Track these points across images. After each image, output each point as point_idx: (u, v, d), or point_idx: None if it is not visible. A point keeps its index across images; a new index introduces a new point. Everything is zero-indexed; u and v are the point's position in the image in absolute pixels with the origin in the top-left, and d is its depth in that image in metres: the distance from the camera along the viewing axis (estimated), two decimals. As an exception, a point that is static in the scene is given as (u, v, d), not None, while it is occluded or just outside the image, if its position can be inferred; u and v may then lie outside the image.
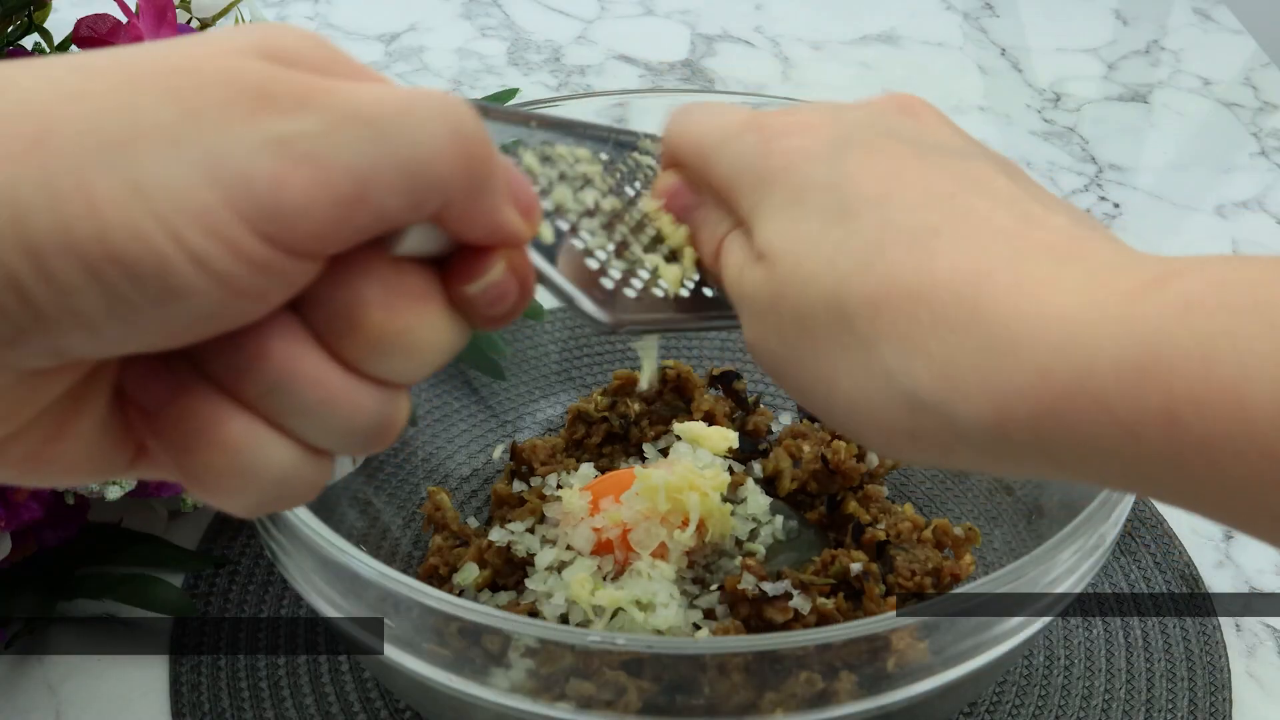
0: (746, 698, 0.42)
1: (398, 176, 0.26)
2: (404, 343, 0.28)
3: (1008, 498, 0.60)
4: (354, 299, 0.27)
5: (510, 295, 0.30)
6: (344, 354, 0.28)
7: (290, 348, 0.27)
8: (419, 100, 0.27)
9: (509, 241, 0.30)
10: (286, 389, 0.27)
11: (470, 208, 0.28)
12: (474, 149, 0.27)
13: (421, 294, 0.28)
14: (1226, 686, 0.57)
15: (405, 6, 1.04)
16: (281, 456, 0.28)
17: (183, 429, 0.27)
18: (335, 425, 0.28)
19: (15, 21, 0.60)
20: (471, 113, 0.27)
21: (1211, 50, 1.04)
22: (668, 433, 0.60)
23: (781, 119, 0.35)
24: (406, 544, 0.59)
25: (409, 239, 0.28)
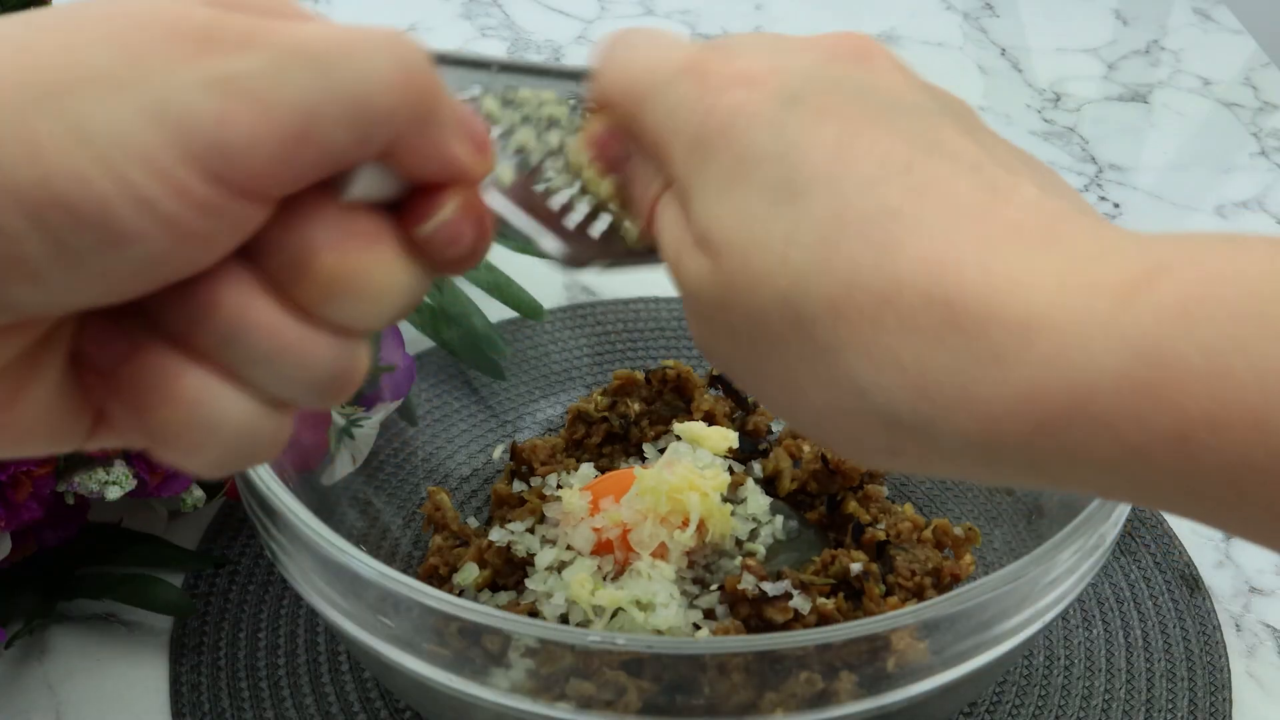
0: (746, 698, 0.42)
1: (343, 110, 0.26)
2: (356, 286, 0.28)
3: (1008, 498, 0.60)
4: (303, 243, 0.27)
5: (465, 236, 0.29)
6: (297, 300, 0.27)
7: (242, 297, 0.27)
8: (363, 36, 0.27)
9: (461, 177, 0.29)
10: (240, 339, 0.27)
11: (418, 142, 0.28)
12: (419, 81, 0.27)
13: (373, 236, 0.28)
14: (1226, 686, 0.57)
15: (405, 6, 1.04)
16: (241, 409, 0.27)
17: (140, 386, 0.27)
18: (292, 374, 0.28)
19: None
20: (416, 46, 0.27)
21: (1211, 50, 1.04)
22: (668, 433, 0.60)
23: (724, 65, 0.31)
24: (406, 544, 0.59)
25: (359, 182, 0.28)
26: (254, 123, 0.25)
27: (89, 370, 0.28)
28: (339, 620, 0.46)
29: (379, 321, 0.29)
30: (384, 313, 0.29)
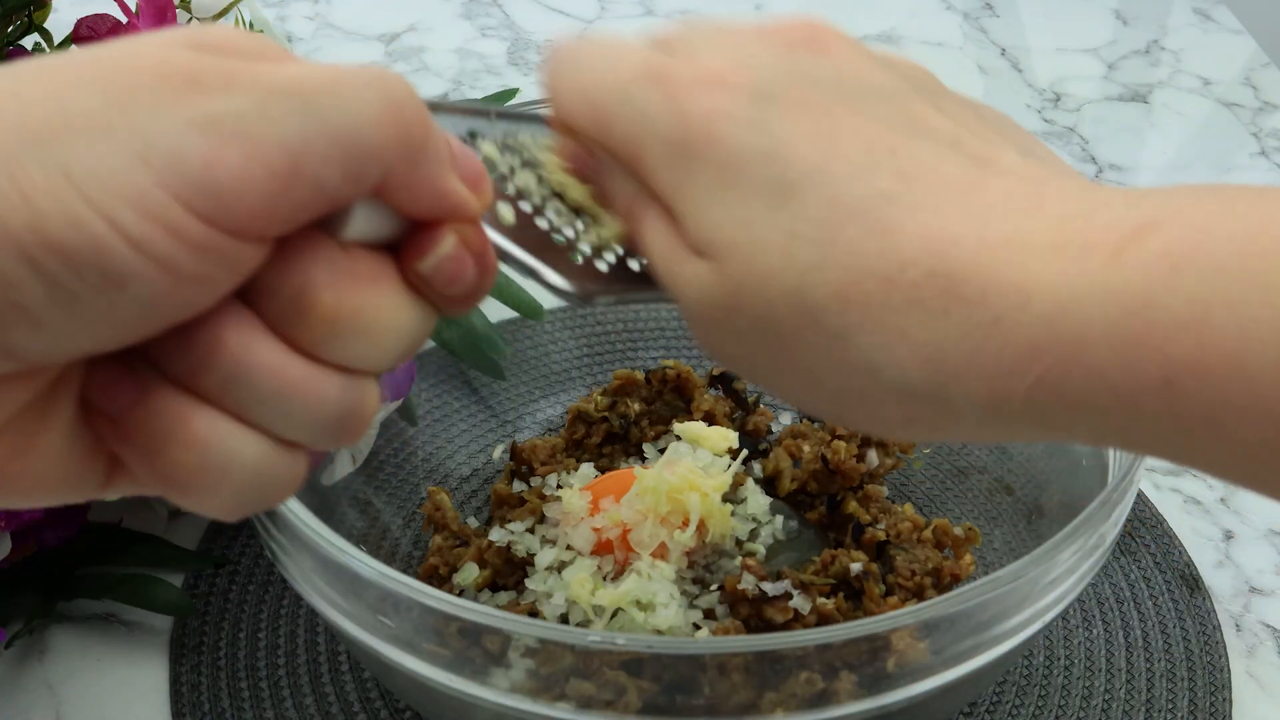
0: (746, 698, 0.42)
1: (331, 147, 0.26)
2: (358, 324, 0.28)
3: (1008, 498, 0.60)
4: (303, 283, 0.27)
5: (466, 272, 0.29)
6: (300, 342, 0.27)
7: (244, 337, 0.27)
8: (349, 74, 0.27)
9: (457, 213, 0.29)
10: (244, 380, 0.27)
11: (411, 177, 0.28)
12: (408, 116, 0.27)
13: (373, 275, 0.28)
14: (1226, 686, 0.57)
15: (405, 6, 1.04)
16: (251, 450, 0.28)
17: (149, 431, 0.27)
18: (299, 414, 0.28)
19: (15, 21, 0.60)
20: (403, 82, 0.27)
21: (1211, 50, 1.04)
22: (668, 433, 0.60)
23: (685, 67, 0.31)
24: (406, 544, 0.59)
25: (355, 221, 0.28)
26: (243, 162, 0.25)
27: (99, 417, 0.28)
28: (339, 620, 0.46)
29: (385, 361, 0.29)
30: (389, 352, 0.29)
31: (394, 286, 0.29)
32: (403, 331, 0.29)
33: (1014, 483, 0.60)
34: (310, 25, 1.01)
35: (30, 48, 0.60)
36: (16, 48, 0.59)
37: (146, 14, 0.59)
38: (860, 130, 0.30)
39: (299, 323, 0.27)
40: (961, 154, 0.30)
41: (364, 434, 0.30)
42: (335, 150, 0.26)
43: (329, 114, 0.26)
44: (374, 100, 0.27)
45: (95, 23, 0.59)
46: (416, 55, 0.98)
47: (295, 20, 1.01)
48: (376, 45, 0.99)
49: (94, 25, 0.59)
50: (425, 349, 0.66)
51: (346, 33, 1.01)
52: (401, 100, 0.27)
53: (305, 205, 0.26)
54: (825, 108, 0.30)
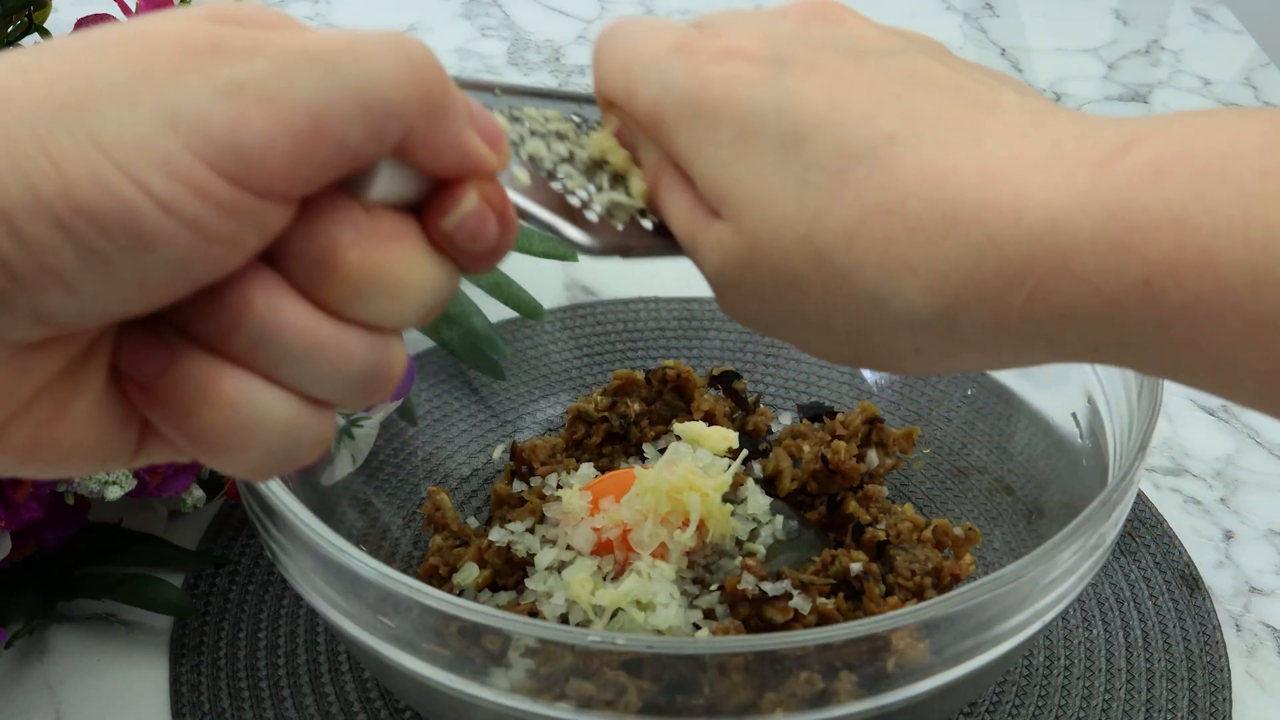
0: (746, 698, 0.42)
1: (353, 106, 0.27)
2: (383, 281, 0.28)
3: (1008, 498, 0.60)
4: (328, 243, 0.28)
5: (489, 228, 0.30)
6: (327, 301, 0.28)
7: (272, 298, 0.27)
8: (368, 36, 0.27)
9: (478, 169, 0.30)
10: (274, 339, 0.27)
11: (432, 135, 0.28)
12: (427, 74, 0.28)
13: (397, 234, 0.29)
14: (1226, 686, 0.57)
15: (405, 6, 1.04)
16: (281, 408, 0.28)
17: (180, 394, 0.28)
18: (328, 372, 0.28)
19: (15, 21, 0.60)
20: (422, 45, 0.28)
21: (1211, 50, 1.04)
22: (668, 433, 0.60)
23: (710, 41, 0.34)
24: (406, 544, 0.59)
25: (379, 182, 0.28)
26: (267, 124, 0.26)
27: (130, 384, 0.28)
28: (339, 620, 0.46)
29: (411, 318, 0.29)
30: (415, 309, 0.29)
31: (417, 245, 0.29)
32: (427, 289, 0.29)
33: (1014, 483, 0.60)
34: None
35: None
36: (17, 48, 0.59)
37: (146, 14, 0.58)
38: (867, 83, 0.32)
39: (325, 282, 0.28)
40: (963, 97, 0.32)
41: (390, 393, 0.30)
42: (357, 109, 0.27)
43: (350, 75, 0.27)
44: (394, 61, 0.27)
45: (95, 23, 0.59)
46: (416, 55, 0.98)
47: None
48: (376, 45, 0.99)
49: (94, 25, 0.59)
50: (425, 349, 0.66)
51: (346, 33, 1.01)
52: (421, 60, 0.28)
53: (329, 164, 0.27)
54: (835, 67, 0.32)
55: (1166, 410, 0.71)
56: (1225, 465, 0.69)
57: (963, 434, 0.63)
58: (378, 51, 0.27)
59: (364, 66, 0.27)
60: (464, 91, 0.36)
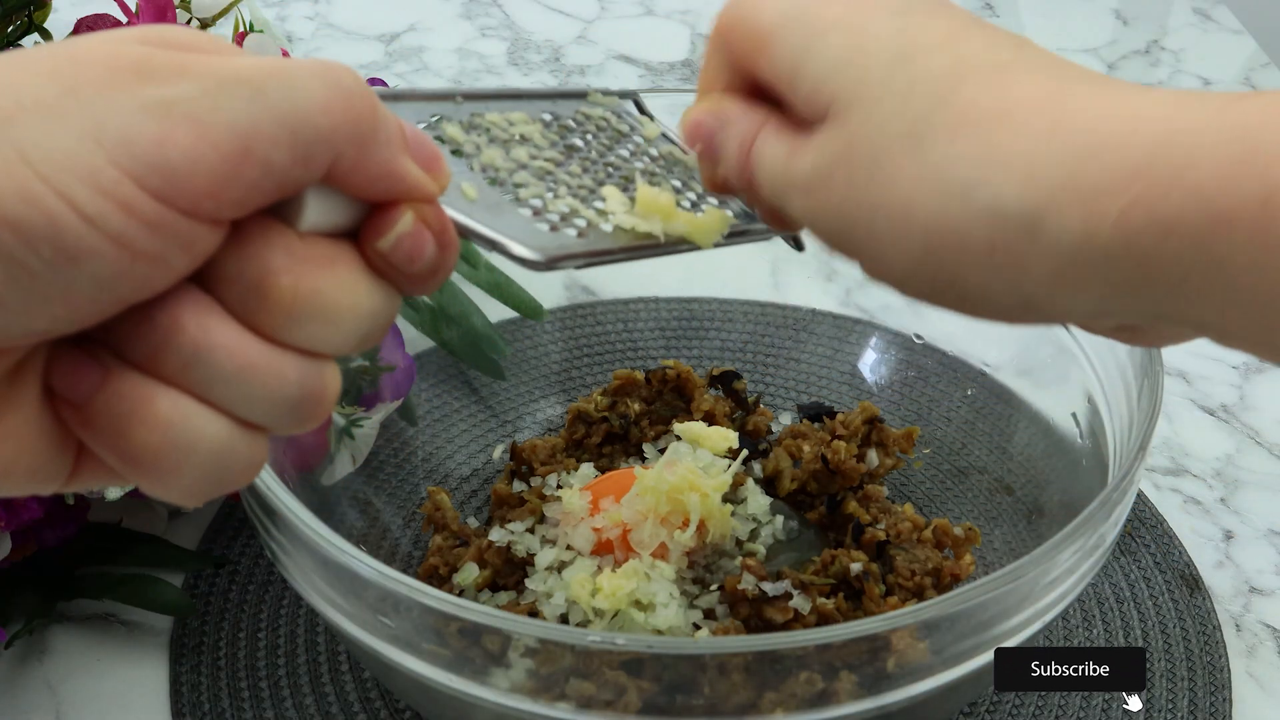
0: (746, 698, 0.42)
1: (279, 130, 0.27)
2: (316, 307, 0.28)
3: (1008, 498, 0.60)
4: (261, 269, 0.28)
5: (426, 249, 0.30)
6: (260, 326, 0.28)
7: (204, 319, 0.28)
8: (296, 63, 0.28)
9: (413, 194, 0.30)
10: (205, 360, 0.28)
11: (363, 161, 0.29)
12: (355, 101, 0.28)
13: (330, 259, 0.29)
14: (1226, 686, 0.57)
15: (405, 6, 1.04)
16: (214, 430, 0.28)
17: (113, 413, 0.28)
18: (260, 395, 0.28)
19: (15, 21, 0.60)
20: (351, 71, 0.28)
21: (1211, 50, 1.04)
22: (668, 433, 0.60)
23: None
24: (406, 544, 0.59)
25: (310, 209, 0.28)
26: (193, 142, 0.26)
27: (63, 404, 0.28)
28: (339, 620, 0.46)
29: (348, 343, 0.29)
30: (351, 334, 0.29)
31: (352, 269, 0.29)
32: (363, 313, 0.29)
33: (1014, 483, 0.60)
34: (310, 25, 1.01)
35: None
36: (16, 48, 0.59)
37: (146, 14, 0.59)
38: (986, 32, 0.33)
39: (259, 308, 0.28)
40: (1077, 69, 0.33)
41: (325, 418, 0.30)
42: (283, 133, 0.27)
43: (276, 99, 0.27)
44: (321, 87, 0.28)
45: (95, 23, 0.59)
46: (416, 55, 0.98)
47: (295, 20, 1.01)
48: (376, 45, 0.99)
49: (94, 25, 0.59)
50: (425, 349, 0.66)
51: (346, 32, 1.01)
52: (348, 87, 0.28)
53: (257, 187, 0.27)
54: (957, 16, 0.34)
55: (1166, 410, 0.71)
56: (1225, 465, 0.69)
57: (963, 434, 0.63)
58: (306, 77, 0.27)
59: (291, 91, 0.27)
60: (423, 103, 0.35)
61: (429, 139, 0.31)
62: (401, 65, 0.97)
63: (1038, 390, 0.61)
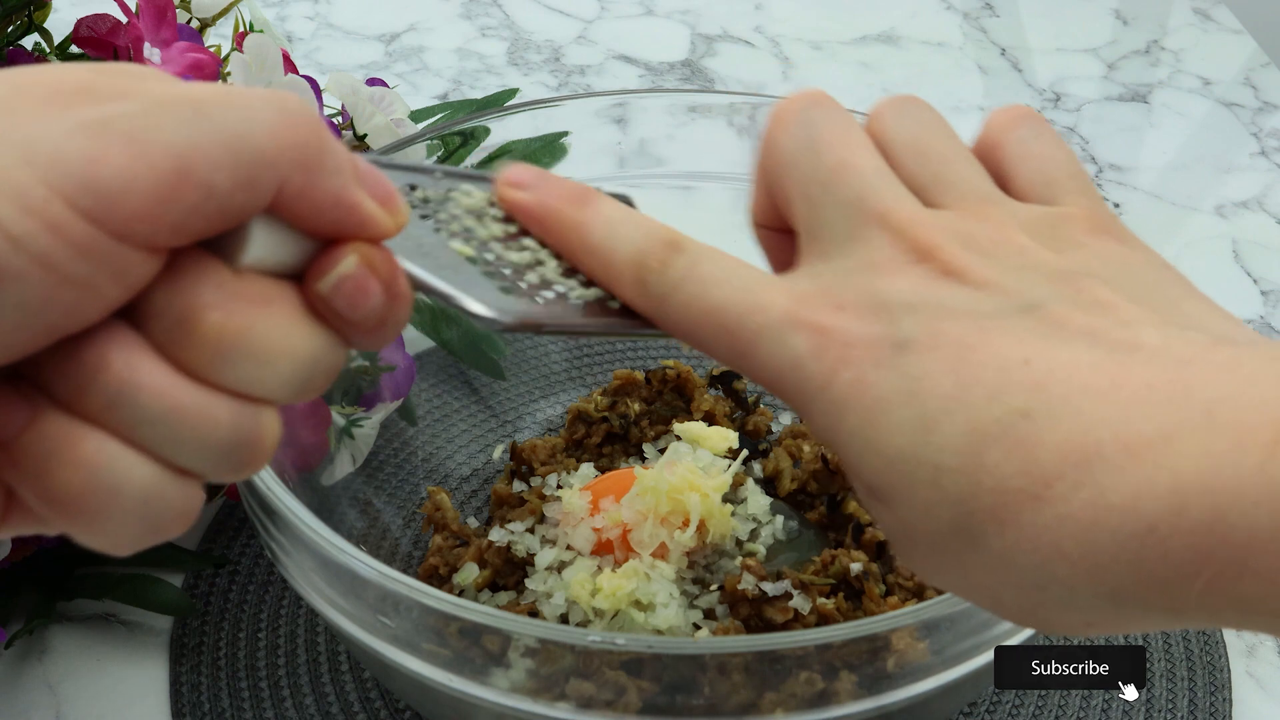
0: (746, 698, 0.42)
1: (221, 151, 0.26)
2: (246, 347, 0.27)
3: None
4: (189, 303, 0.27)
5: (370, 296, 0.28)
6: (188, 364, 0.27)
7: (129, 356, 0.26)
8: (242, 89, 0.27)
9: (365, 227, 0.29)
10: (130, 399, 0.26)
11: (311, 188, 0.27)
12: (301, 125, 0.27)
13: (266, 298, 0.28)
14: (1226, 686, 0.57)
15: (405, 6, 1.04)
16: (141, 474, 0.27)
17: (37, 453, 0.27)
18: (189, 438, 0.27)
19: (15, 21, 0.60)
20: (300, 99, 0.27)
21: (1211, 50, 1.04)
22: (668, 433, 0.60)
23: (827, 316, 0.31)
24: (406, 544, 0.59)
25: (255, 242, 0.27)
26: (128, 162, 0.25)
27: None
28: (339, 620, 0.46)
29: (285, 389, 0.28)
30: (288, 379, 0.28)
31: (290, 311, 0.28)
32: (300, 358, 0.28)
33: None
34: (310, 25, 1.01)
35: (30, 48, 0.60)
36: (16, 48, 0.59)
37: (146, 14, 0.59)
38: (992, 348, 0.29)
39: (185, 344, 0.27)
40: (1099, 348, 0.29)
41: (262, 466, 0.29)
42: (225, 155, 0.26)
43: (219, 121, 0.26)
44: (266, 109, 0.27)
45: (95, 23, 0.59)
46: (416, 55, 0.98)
47: (295, 20, 1.01)
48: (376, 45, 0.99)
49: (94, 25, 0.59)
50: (425, 349, 0.66)
51: (346, 32, 1.01)
52: (294, 111, 0.27)
53: (196, 211, 0.26)
54: (958, 337, 0.30)
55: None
56: (1225, 465, 0.68)
57: (963, 434, 0.63)
58: (250, 100, 0.27)
59: (234, 112, 0.26)
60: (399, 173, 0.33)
61: (384, 176, 0.29)
62: (401, 65, 0.97)
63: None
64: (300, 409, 0.56)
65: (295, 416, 0.55)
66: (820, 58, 1.00)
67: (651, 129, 0.66)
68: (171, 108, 0.26)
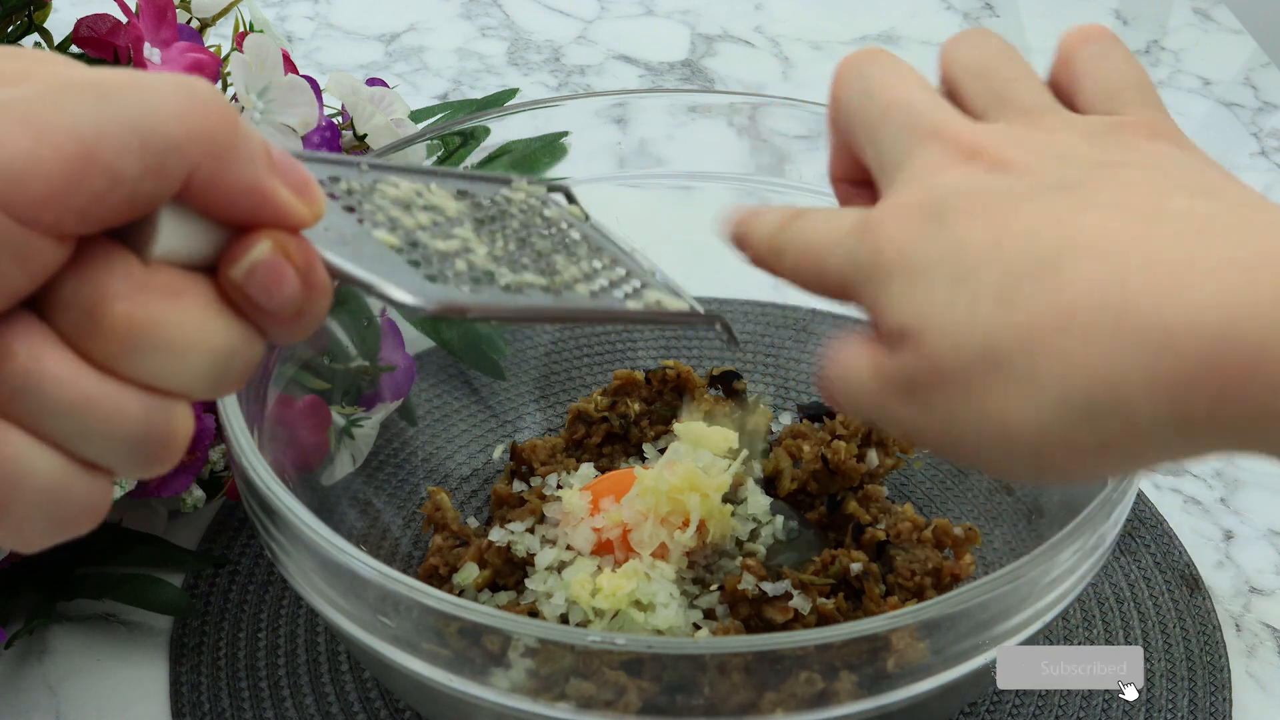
0: (746, 698, 0.42)
1: (128, 135, 0.25)
2: (155, 339, 0.27)
3: (1008, 498, 0.60)
4: (96, 293, 0.26)
5: (285, 283, 0.28)
6: (95, 356, 0.27)
7: (34, 346, 0.26)
8: (149, 74, 0.27)
9: (280, 216, 0.28)
10: (34, 389, 0.26)
11: (222, 175, 0.27)
12: (212, 110, 0.27)
13: (176, 289, 0.27)
14: (1226, 686, 0.57)
15: (405, 6, 1.04)
16: (45, 466, 0.27)
17: None
18: (97, 431, 0.27)
19: (15, 21, 0.60)
20: (208, 84, 0.27)
21: (1211, 50, 1.04)
22: (668, 433, 0.60)
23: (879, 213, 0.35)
24: (406, 544, 0.59)
25: (165, 232, 0.27)
26: (32, 145, 0.25)
27: None
28: (339, 620, 0.46)
29: (200, 383, 0.28)
30: (201, 372, 0.28)
31: (202, 302, 0.28)
32: (214, 350, 0.28)
33: (1014, 483, 0.60)
34: (310, 25, 1.01)
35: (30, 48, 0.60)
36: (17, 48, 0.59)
37: (146, 14, 0.59)
38: (1029, 216, 0.32)
39: (92, 335, 0.26)
40: (1130, 212, 0.31)
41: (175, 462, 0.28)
42: (132, 139, 0.26)
43: (124, 104, 0.26)
44: (174, 95, 0.26)
45: (95, 23, 0.59)
46: (416, 55, 0.98)
47: (295, 20, 1.01)
48: (376, 45, 0.99)
49: (94, 25, 0.59)
50: (425, 349, 0.66)
51: (346, 32, 1.01)
52: (205, 96, 0.27)
53: (103, 198, 0.26)
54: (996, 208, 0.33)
55: (1166, 410, 0.71)
56: (1225, 465, 0.69)
57: (963, 434, 0.63)
58: (158, 85, 0.26)
59: (142, 95, 0.26)
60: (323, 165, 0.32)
61: (299, 164, 0.29)
62: (401, 65, 0.97)
63: (1038, 390, 0.60)
64: (300, 409, 0.56)
65: (295, 416, 0.55)
66: (820, 58, 1.00)
67: (651, 129, 0.66)
68: (75, 91, 0.25)
